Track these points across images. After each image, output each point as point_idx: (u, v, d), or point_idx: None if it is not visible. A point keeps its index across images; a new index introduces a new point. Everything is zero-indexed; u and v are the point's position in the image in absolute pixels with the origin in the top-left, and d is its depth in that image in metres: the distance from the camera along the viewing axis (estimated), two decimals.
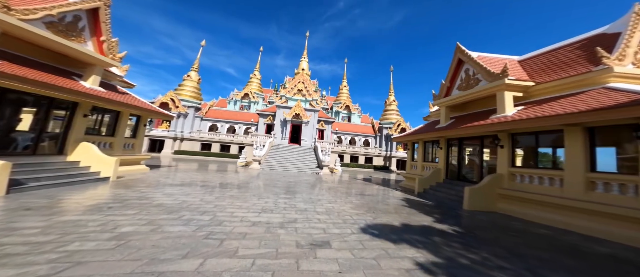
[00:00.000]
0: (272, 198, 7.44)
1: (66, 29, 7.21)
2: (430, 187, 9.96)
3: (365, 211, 6.52)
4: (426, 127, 12.48)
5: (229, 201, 6.54)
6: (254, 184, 10.23)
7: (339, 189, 10.51)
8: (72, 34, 7.40)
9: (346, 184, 12.67)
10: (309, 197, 8.04)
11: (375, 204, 7.60)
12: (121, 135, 9.80)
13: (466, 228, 5.48)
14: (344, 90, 49.19)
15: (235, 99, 41.48)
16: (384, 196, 9.61)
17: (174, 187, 7.83)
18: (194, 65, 33.68)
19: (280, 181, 11.75)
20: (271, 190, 8.96)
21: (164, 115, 11.33)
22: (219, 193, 7.55)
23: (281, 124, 28.75)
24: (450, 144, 10.37)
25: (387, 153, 34.33)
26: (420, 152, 12.17)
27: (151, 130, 29.25)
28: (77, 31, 7.57)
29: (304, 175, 16.24)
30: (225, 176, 12.30)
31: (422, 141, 12.10)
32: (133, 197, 6.05)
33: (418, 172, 11.95)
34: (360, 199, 8.45)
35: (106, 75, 10.02)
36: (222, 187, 8.63)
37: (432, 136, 10.66)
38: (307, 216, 5.64)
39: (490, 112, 8.67)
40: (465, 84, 9.82)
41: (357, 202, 7.81)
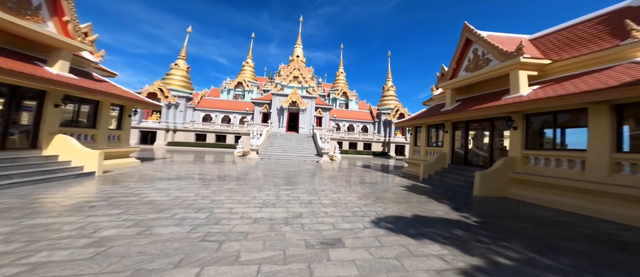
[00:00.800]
0: (273, 190, 6.95)
1: (17, 6, 6.15)
2: (436, 173, 9.64)
3: (373, 201, 6.12)
4: (429, 110, 11.96)
5: (227, 195, 6.02)
6: (252, 175, 9.71)
7: (342, 178, 10.11)
8: (26, 12, 6.35)
9: (348, 172, 12.29)
10: (312, 188, 7.60)
11: (382, 193, 7.21)
12: (104, 126, 8.97)
13: (485, 217, 5.13)
14: (341, 76, 47.86)
15: (228, 87, 39.93)
16: (389, 183, 9.26)
17: (167, 182, 7.24)
18: (182, 53, 31.78)
19: (280, 171, 11.27)
20: (271, 181, 8.48)
21: (149, 104, 10.45)
22: (216, 186, 7.01)
23: (278, 112, 27.86)
24: (456, 127, 9.92)
25: (386, 139, 34.11)
26: (423, 137, 11.74)
27: (141, 121, 28.03)
28: (32, 9, 6.51)
29: (304, 164, 15.81)
30: (222, 167, 11.73)
31: (426, 125, 11.62)
32: (120, 194, 5.46)
33: (422, 158, 11.60)
34: (365, 187, 8.06)
35: (79, 61, 8.98)
36: (219, 180, 8.09)
37: (437, 120, 10.18)
38: (313, 209, 5.19)
39: (501, 93, 8.15)
40: (473, 65, 9.17)
41: (363, 191, 7.42)
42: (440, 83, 10.58)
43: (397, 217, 4.86)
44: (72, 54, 7.70)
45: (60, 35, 7.06)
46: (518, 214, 5.54)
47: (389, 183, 9.27)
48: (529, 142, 6.96)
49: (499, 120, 8.08)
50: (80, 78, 7.84)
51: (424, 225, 4.47)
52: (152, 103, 10.60)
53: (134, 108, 10.41)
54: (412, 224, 4.48)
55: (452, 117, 9.16)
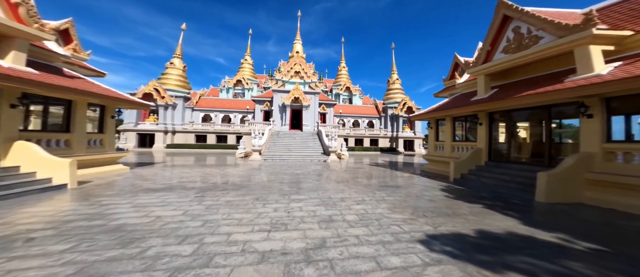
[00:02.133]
0: (281, 201, 5.63)
1: None
2: (470, 172, 8.24)
3: (412, 214, 4.77)
4: (454, 101, 10.49)
5: (225, 212, 4.71)
6: (256, 180, 8.41)
7: (358, 180, 8.76)
8: None
9: (361, 172, 10.94)
10: (327, 196, 6.27)
11: (415, 201, 5.85)
12: (80, 130, 7.69)
13: (593, 238, 3.69)
14: (343, 71, 46.25)
15: (227, 86, 38.60)
16: (416, 186, 7.89)
17: (152, 194, 5.95)
18: (177, 51, 30.41)
19: (286, 175, 9.95)
20: (278, 188, 7.16)
21: (135, 103, 9.15)
22: (211, 199, 5.71)
23: (280, 109, 26.49)
24: (493, 119, 8.44)
25: (393, 134, 32.64)
26: (447, 131, 10.29)
27: (138, 124, 26.88)
28: None
29: (311, 164, 14.49)
30: (222, 171, 10.44)
31: (450, 118, 10.16)
32: (81, 217, 4.17)
33: (447, 154, 10.17)
34: (390, 193, 6.71)
35: (43, 54, 7.63)
36: (215, 189, 6.78)
37: (467, 111, 8.72)
38: (338, 232, 3.85)
39: (557, 75, 6.68)
40: (515, 46, 7.67)
41: (391, 199, 6.06)
42: (470, 69, 9.07)
43: (458, 240, 3.51)
44: (28, 44, 6.36)
45: (10, 21, 5.72)
46: (628, 230, 4.14)
47: (416, 185, 7.90)
48: (612, 134, 5.46)
49: (560, 108, 6.56)
50: (43, 73, 6.52)
51: (505, 251, 3.12)
52: (138, 102, 9.30)
53: (118, 108, 9.12)
54: (489, 250, 3.13)
55: (488, 106, 7.72)
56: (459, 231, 3.90)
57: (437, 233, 3.78)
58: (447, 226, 4.13)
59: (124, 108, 9.41)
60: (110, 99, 8.24)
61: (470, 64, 9.16)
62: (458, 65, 21.55)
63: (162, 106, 27.14)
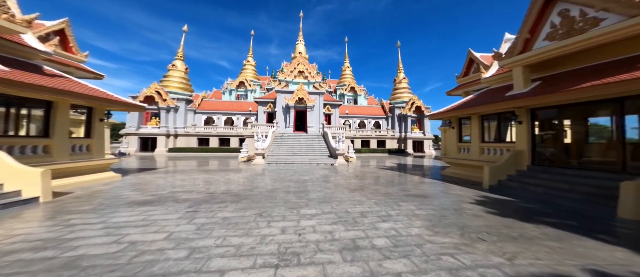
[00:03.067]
0: (289, 218, 4.61)
1: None
2: (509, 178, 7.06)
3: (463, 238, 3.68)
4: (482, 97, 9.29)
5: (219, 235, 3.72)
6: (259, 188, 7.41)
7: (374, 188, 7.68)
8: None
9: (375, 177, 9.85)
10: (344, 210, 5.22)
11: (458, 217, 4.75)
12: (62, 135, 6.82)
13: None
14: (347, 71, 45.27)
15: (230, 88, 38.01)
16: (447, 195, 6.76)
17: (135, 209, 5.00)
18: (179, 53, 29.92)
19: (292, 181, 8.94)
20: (284, 199, 6.14)
21: (128, 105, 8.30)
22: (205, 215, 4.73)
23: (283, 111, 25.60)
24: (536, 116, 7.22)
25: (402, 135, 31.37)
26: (475, 131, 9.10)
27: (140, 127, 26.35)
28: None
29: (317, 168, 13.45)
30: (222, 178, 9.49)
31: (478, 116, 8.99)
32: (30, 245, 3.22)
33: (474, 157, 8.98)
34: (420, 205, 5.61)
35: (19, 51, 6.76)
36: (212, 201, 5.80)
37: (502, 107, 7.51)
38: (371, 267, 2.81)
39: (621, 63, 5.51)
40: (564, 31, 6.51)
41: (423, 213, 4.97)
42: (503, 60, 7.87)
43: None
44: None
45: None
46: None
47: (446, 194, 6.78)
48: None
49: (632, 100, 5.28)
50: (16, 70, 5.68)
51: None
52: (130, 103, 8.44)
53: (107, 110, 8.27)
54: None
55: (531, 101, 6.54)
56: (553, 267, 2.78)
57: (524, 273, 2.66)
58: (526, 257, 3.01)
59: (114, 110, 8.61)
60: (98, 100, 7.39)
61: (503, 56, 8.00)
62: (473, 61, 20.31)
63: (164, 109, 26.58)
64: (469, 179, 8.73)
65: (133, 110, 9.12)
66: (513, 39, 9.90)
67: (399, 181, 9.01)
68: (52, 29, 13.87)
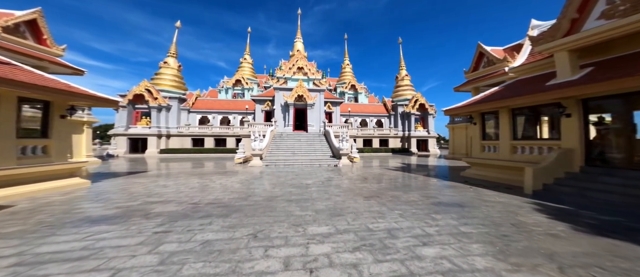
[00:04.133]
0: (295, 242, 3.37)
1: None
2: (557, 181, 5.86)
3: (564, 274, 2.45)
4: (513, 87, 8.07)
5: (192, 275, 2.45)
6: (255, 196, 6.14)
7: (392, 194, 6.46)
8: None
9: (387, 180, 8.63)
10: (365, 227, 4.00)
11: (528, 238, 3.53)
12: (5, 134, 5.45)
13: None
14: (347, 68, 44.13)
15: (226, 87, 36.59)
16: (487, 204, 5.56)
17: (81, 230, 3.71)
18: (171, 50, 28.44)
19: (293, 186, 7.68)
20: (285, 211, 4.88)
21: (96, 99, 6.96)
22: (177, 239, 3.46)
23: (282, 109, 24.29)
24: (589, 108, 5.96)
25: (405, 133, 30.24)
26: (504, 127, 7.86)
27: (129, 127, 24.84)
28: None
29: (320, 170, 12.21)
30: (213, 183, 8.19)
31: (508, 110, 7.78)
32: None
33: (504, 157, 7.76)
34: (460, 218, 4.40)
35: None
36: (193, 216, 4.52)
37: (544, 99, 6.24)
38: None
39: None
40: (626, 7, 5.33)
41: (475, 232, 3.75)
42: (543, 44, 6.60)
43: None
44: None
45: None
46: None
47: (486, 203, 5.57)
48: None
49: None
50: None
51: None
52: (99, 96, 7.09)
53: (72, 104, 6.91)
54: None
55: (582, 91, 5.35)
56: None
57: None
58: None
59: (79, 105, 7.26)
60: (57, 93, 6.05)
61: (540, 40, 6.80)
62: (482, 55, 19.24)
63: (155, 108, 25.10)
64: (499, 181, 7.54)
65: (103, 106, 7.78)
66: (543, 24, 8.77)
67: (417, 185, 7.79)
68: (21, 19, 12.40)
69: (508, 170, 7.39)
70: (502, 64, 16.15)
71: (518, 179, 6.87)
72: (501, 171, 7.71)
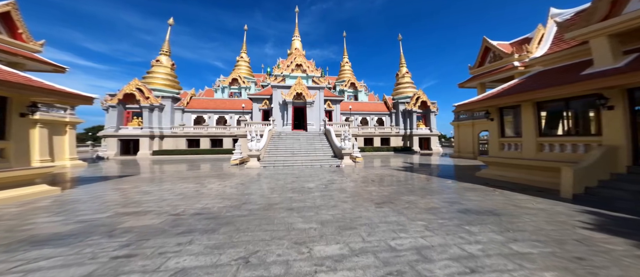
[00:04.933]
0: (299, 272, 2.50)
1: None
2: (601, 184, 5.05)
3: None
4: (535, 79, 7.27)
5: None
6: (249, 204, 5.27)
7: (409, 200, 5.64)
8: None
9: (399, 183, 7.81)
10: (386, 244, 3.19)
11: (613, 264, 2.71)
12: None
13: None
14: (347, 66, 43.33)
15: (222, 85, 35.58)
16: (526, 212, 4.75)
17: (15, 254, 2.83)
18: (164, 48, 27.37)
19: (293, 191, 6.81)
20: (285, 224, 4.02)
21: (65, 95, 6.01)
22: (141, 267, 2.60)
23: (280, 107, 23.39)
24: (635, 99, 5.14)
25: (407, 131, 29.51)
26: (529, 122, 7.00)
27: (119, 128, 23.75)
28: None
29: (322, 171, 11.36)
30: (203, 188, 7.29)
31: (532, 103, 6.94)
32: None
33: (528, 156, 6.92)
34: (502, 231, 3.58)
35: None
36: (169, 233, 3.64)
37: (580, 89, 5.41)
38: None
39: None
40: None
41: (535, 252, 2.93)
42: (576, 29, 5.76)
43: None
44: None
45: None
46: None
47: (525, 210, 4.76)
48: None
49: None
50: None
51: None
52: (67, 92, 6.14)
53: (34, 101, 5.95)
54: None
55: (633, 79, 4.54)
56: None
57: None
58: None
59: (44, 101, 6.33)
60: (15, 88, 5.12)
61: (571, 26, 5.97)
62: (488, 50, 18.50)
63: (147, 108, 24.03)
64: (524, 183, 6.74)
65: (74, 103, 6.84)
66: (565, 12, 8.01)
67: (432, 188, 6.97)
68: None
69: (534, 170, 6.61)
70: (510, 59, 15.45)
71: (548, 180, 6.09)
72: (525, 171, 6.91)
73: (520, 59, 14.84)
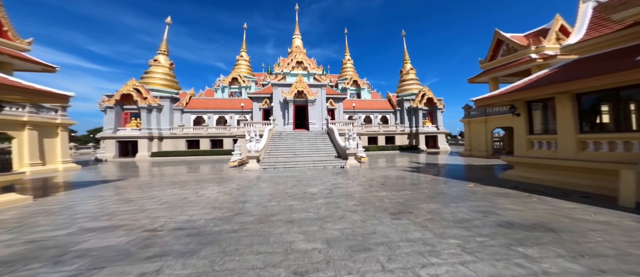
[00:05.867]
0: None
1: None
2: None
3: None
4: (574, 68, 6.30)
5: None
6: (243, 215, 4.47)
7: (430, 209, 4.79)
8: None
9: (413, 187, 6.95)
10: (416, 275, 2.30)
11: None
12: None
13: None
14: (348, 63, 42.37)
15: (222, 85, 34.92)
16: (587, 227, 3.88)
17: None
18: (162, 47, 26.78)
19: (295, 198, 6.01)
20: (284, 243, 3.22)
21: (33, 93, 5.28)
22: None
23: (281, 106, 22.62)
24: None
25: (412, 130, 28.51)
26: (566, 117, 5.97)
27: (117, 130, 23.23)
28: None
29: (325, 172, 10.54)
30: (194, 194, 6.52)
31: (570, 95, 5.96)
32: None
33: (566, 156, 5.94)
34: (564, 249, 2.73)
35: None
36: (135, 258, 2.86)
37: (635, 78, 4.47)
38: None
39: None
40: None
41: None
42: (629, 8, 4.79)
43: None
44: None
45: None
46: None
47: (584, 223, 3.88)
48: None
49: None
50: None
51: None
52: (37, 89, 5.41)
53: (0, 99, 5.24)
54: None
55: None
56: None
57: None
58: None
59: (10, 100, 5.60)
60: None
61: (624, 5, 5.01)
62: (501, 43, 17.41)
63: (145, 109, 23.45)
64: (561, 186, 5.81)
65: (47, 101, 6.12)
66: None
67: (452, 192, 6.09)
68: None
69: (575, 172, 5.68)
70: (526, 51, 14.43)
71: (594, 184, 5.19)
72: (562, 173, 5.97)
73: (538, 51, 13.83)
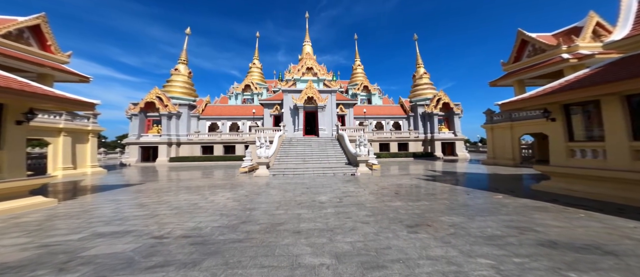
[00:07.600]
0: None
1: None
2: None
3: None
4: (627, 65, 5.60)
5: None
6: (249, 223, 4.34)
7: (452, 222, 4.39)
8: None
9: (430, 197, 6.47)
10: None
11: None
12: None
13: None
14: (359, 69, 42.18)
15: (235, 92, 36.15)
16: None
17: None
18: (182, 57, 28.41)
19: (304, 206, 5.81)
20: (289, 259, 3.03)
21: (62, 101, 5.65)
22: None
23: (291, 112, 22.80)
24: None
25: (427, 136, 27.38)
26: (615, 122, 5.11)
27: (141, 136, 24.66)
28: None
29: (335, 180, 10.25)
30: (203, 200, 6.56)
31: (620, 97, 5.17)
32: None
33: (615, 166, 5.08)
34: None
35: None
36: (135, 269, 2.79)
37: None
38: None
39: None
40: None
41: None
42: None
43: None
44: None
45: None
46: None
47: None
48: None
49: None
50: None
51: None
52: (66, 97, 5.80)
53: (31, 108, 5.66)
54: None
55: None
56: None
57: None
58: None
59: (43, 108, 6.04)
60: (10, 93, 4.80)
61: None
62: (526, 43, 16.31)
63: (165, 116, 24.77)
64: (612, 201, 5.05)
65: (75, 108, 6.54)
66: None
67: (477, 204, 5.56)
68: (24, 25, 12.01)
69: (630, 185, 4.91)
70: (557, 51, 13.38)
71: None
72: (611, 185, 5.19)
73: (570, 50, 12.77)
